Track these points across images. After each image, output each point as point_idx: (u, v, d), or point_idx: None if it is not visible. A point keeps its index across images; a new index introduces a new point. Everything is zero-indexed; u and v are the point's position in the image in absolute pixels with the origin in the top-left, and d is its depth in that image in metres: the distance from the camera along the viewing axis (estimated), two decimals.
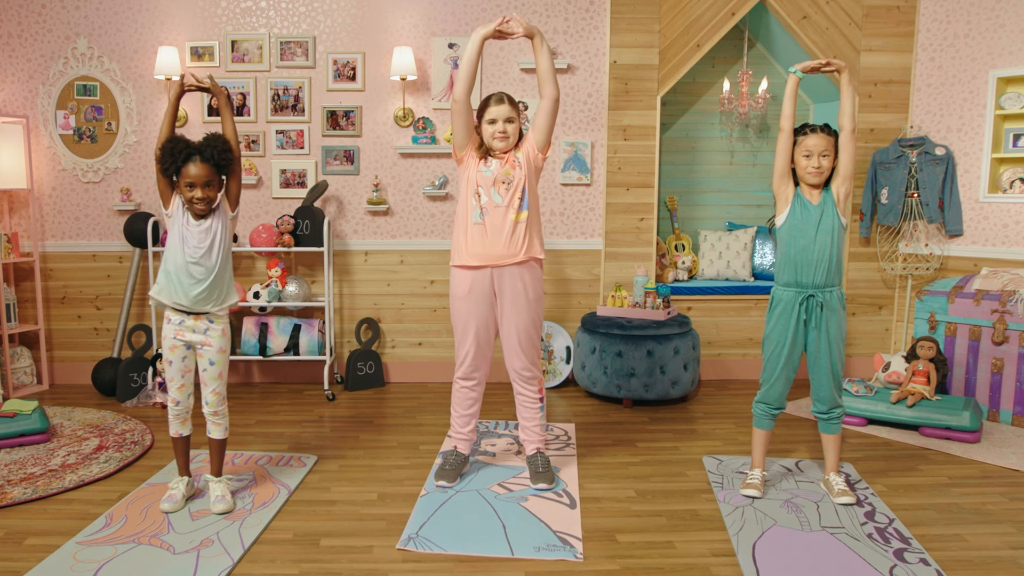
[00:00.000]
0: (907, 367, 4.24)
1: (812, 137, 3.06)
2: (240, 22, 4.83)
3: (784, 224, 3.12)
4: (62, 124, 4.84)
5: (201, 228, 2.97)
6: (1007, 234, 4.52)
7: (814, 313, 3.09)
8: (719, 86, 5.38)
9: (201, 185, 2.91)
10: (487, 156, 3.19)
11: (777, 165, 3.11)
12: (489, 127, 3.15)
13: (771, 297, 3.21)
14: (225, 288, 3.06)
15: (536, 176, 3.24)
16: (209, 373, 3.04)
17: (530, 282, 3.20)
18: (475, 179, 3.16)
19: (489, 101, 3.17)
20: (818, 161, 3.04)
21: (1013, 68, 4.45)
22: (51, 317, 5.00)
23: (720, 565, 2.66)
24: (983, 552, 2.75)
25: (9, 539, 2.83)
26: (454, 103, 3.14)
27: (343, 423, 4.25)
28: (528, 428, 3.40)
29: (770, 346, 3.19)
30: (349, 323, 5.07)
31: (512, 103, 3.16)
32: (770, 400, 3.23)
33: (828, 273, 3.07)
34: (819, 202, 3.07)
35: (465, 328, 3.25)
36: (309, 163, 4.92)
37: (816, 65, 3.09)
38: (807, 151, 3.06)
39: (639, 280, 4.83)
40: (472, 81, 3.11)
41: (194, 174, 2.90)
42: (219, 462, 3.15)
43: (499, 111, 3.14)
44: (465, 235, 3.18)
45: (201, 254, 2.95)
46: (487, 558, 2.70)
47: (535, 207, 3.20)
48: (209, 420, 3.10)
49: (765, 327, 3.23)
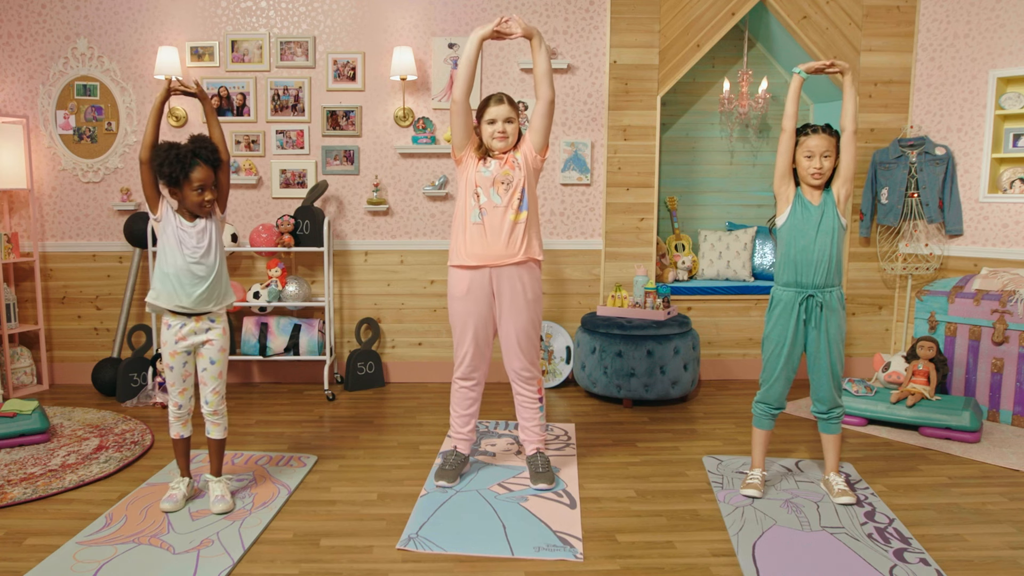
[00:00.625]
0: (907, 367, 4.24)
1: (814, 138, 3.06)
2: (240, 22, 4.83)
3: (785, 224, 3.12)
4: (62, 124, 4.84)
5: (197, 229, 2.98)
6: (1007, 234, 4.52)
7: (814, 313, 3.10)
8: (719, 86, 5.38)
9: (209, 187, 2.94)
10: (486, 156, 3.19)
11: (778, 165, 3.11)
12: (488, 127, 3.15)
13: (771, 297, 3.22)
14: (224, 287, 3.08)
15: (535, 177, 3.24)
16: (209, 372, 3.05)
17: (528, 282, 3.20)
18: (474, 179, 3.16)
19: (489, 101, 3.16)
20: (820, 162, 3.04)
21: (1013, 68, 4.45)
22: (51, 317, 5.00)
23: (720, 565, 2.66)
24: (983, 552, 2.75)
25: (9, 539, 2.83)
26: (453, 103, 3.14)
27: (343, 423, 4.25)
28: (528, 428, 3.40)
29: (770, 346, 3.19)
30: (349, 323, 5.07)
31: (512, 103, 3.16)
32: (770, 400, 3.23)
33: (828, 273, 3.07)
34: (820, 203, 3.07)
35: (464, 328, 3.25)
36: (309, 163, 4.92)
37: (820, 66, 3.09)
38: (809, 152, 3.06)
39: (639, 280, 4.83)
40: (471, 81, 3.11)
41: (201, 177, 2.92)
42: (219, 462, 3.15)
43: (498, 111, 3.14)
44: (464, 235, 3.18)
45: (201, 254, 2.96)
46: (487, 558, 2.70)
47: (534, 208, 3.20)
48: (208, 420, 3.11)
49: (765, 327, 3.23)
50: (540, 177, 4.97)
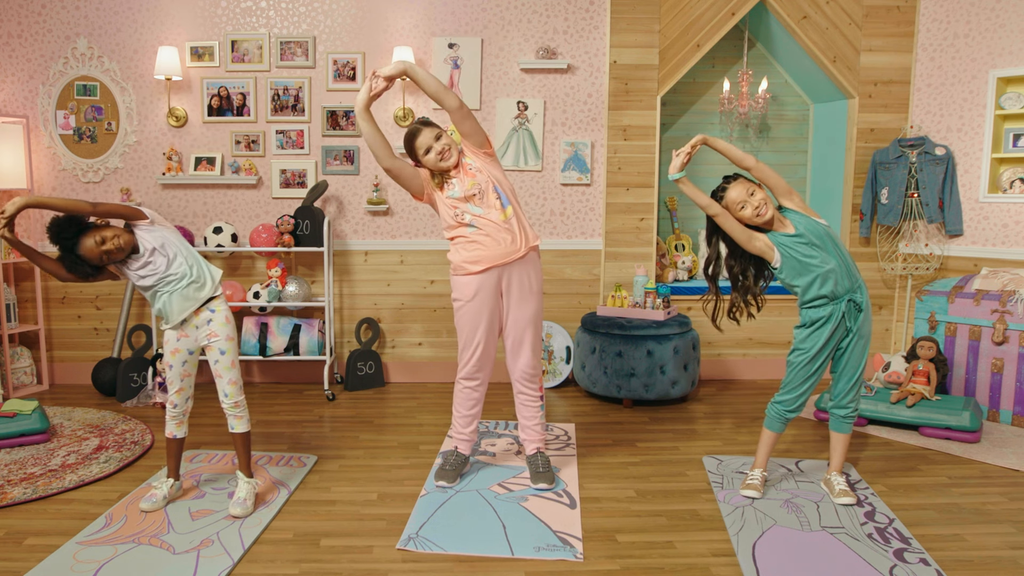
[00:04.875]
0: (907, 367, 4.24)
1: (731, 191, 3.07)
2: (240, 22, 4.83)
3: (785, 263, 3.07)
4: (62, 124, 4.84)
5: (138, 265, 2.92)
6: (1007, 234, 4.52)
7: (852, 315, 3.06)
8: (719, 86, 5.38)
9: (110, 239, 2.85)
10: (443, 180, 3.18)
11: (736, 236, 3.08)
12: (428, 157, 3.13)
13: (803, 317, 3.13)
14: (204, 268, 3.02)
15: (496, 166, 3.21)
16: (222, 364, 3.02)
17: (534, 273, 3.23)
18: (449, 204, 3.16)
19: (412, 138, 3.14)
20: (753, 201, 3.03)
21: (1013, 68, 4.45)
22: (51, 317, 5.00)
23: (720, 565, 2.66)
24: (983, 552, 2.75)
25: (9, 539, 2.83)
26: (388, 172, 3.14)
27: (343, 423, 4.25)
28: (528, 427, 3.40)
29: (803, 357, 3.11)
30: (349, 323, 5.07)
31: (428, 123, 3.15)
32: (790, 405, 3.17)
33: (850, 275, 3.05)
34: (794, 227, 3.05)
35: (474, 330, 3.23)
36: (309, 163, 4.92)
37: (686, 158, 3.12)
38: (739, 203, 3.05)
39: (639, 280, 4.83)
40: (384, 147, 3.09)
41: (93, 242, 2.84)
42: (246, 457, 3.11)
43: (425, 139, 3.11)
44: (465, 247, 3.17)
45: (160, 275, 2.92)
46: (487, 558, 2.70)
47: (514, 198, 3.19)
48: (230, 414, 3.07)
49: (796, 340, 3.15)
50: (538, 177, 4.98)
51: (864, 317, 3.07)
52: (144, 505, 3.04)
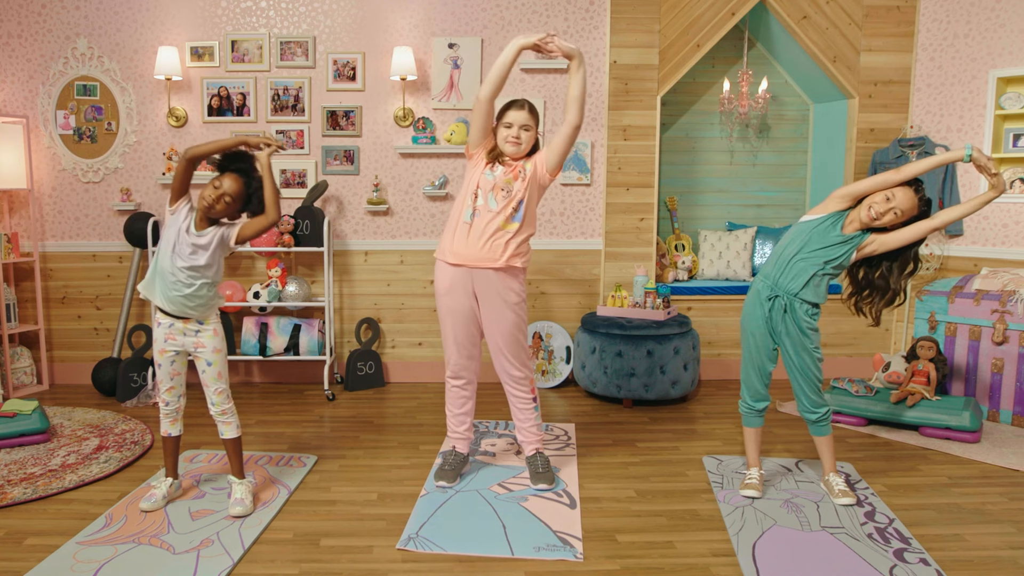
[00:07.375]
0: (907, 367, 4.24)
1: (511, 113, 3.13)
2: (240, 22, 4.83)
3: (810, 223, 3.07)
4: (62, 124, 4.84)
5: (199, 242, 2.94)
6: (1007, 234, 4.52)
7: (779, 313, 3.09)
8: (719, 86, 5.38)
9: (233, 198, 2.94)
10: (495, 161, 3.18)
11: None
12: (504, 130, 3.14)
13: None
14: (204, 307, 3.01)
15: (539, 194, 3.23)
16: (208, 374, 3.04)
17: (508, 287, 3.18)
18: (477, 180, 3.16)
19: (511, 105, 3.16)
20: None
21: (1013, 68, 4.45)
22: (51, 317, 5.00)
23: (720, 565, 2.66)
24: (983, 552, 2.75)
25: (9, 539, 2.83)
26: (477, 102, 3.14)
27: (343, 423, 4.24)
28: (524, 429, 3.40)
29: (743, 337, 3.22)
30: (349, 323, 5.07)
31: (532, 112, 3.16)
32: (748, 397, 3.24)
33: (781, 271, 3.06)
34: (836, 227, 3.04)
35: (450, 327, 3.25)
36: (309, 163, 4.92)
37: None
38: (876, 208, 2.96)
39: (639, 280, 4.83)
40: (499, 85, 3.11)
41: (230, 187, 2.94)
42: (238, 462, 3.13)
43: (517, 116, 3.13)
44: (453, 232, 3.18)
45: (187, 265, 2.92)
46: (487, 558, 2.70)
47: (529, 222, 3.18)
48: (218, 421, 3.09)
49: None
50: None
51: (789, 320, 3.07)
52: (144, 505, 3.04)
